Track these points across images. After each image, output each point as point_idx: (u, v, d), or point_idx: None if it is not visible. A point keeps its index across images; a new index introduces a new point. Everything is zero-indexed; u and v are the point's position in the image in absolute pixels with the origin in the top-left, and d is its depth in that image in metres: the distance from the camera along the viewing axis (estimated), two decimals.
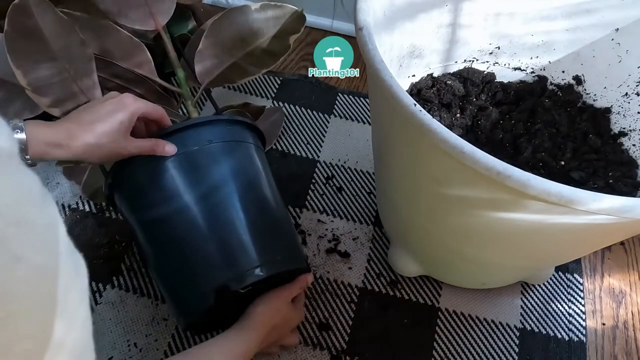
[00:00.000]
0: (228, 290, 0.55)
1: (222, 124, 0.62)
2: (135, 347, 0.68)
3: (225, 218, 0.58)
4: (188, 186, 0.58)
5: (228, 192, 0.59)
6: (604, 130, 0.72)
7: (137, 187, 0.60)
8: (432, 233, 0.63)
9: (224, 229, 0.57)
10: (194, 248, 0.57)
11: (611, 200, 0.38)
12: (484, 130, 0.72)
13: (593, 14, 0.69)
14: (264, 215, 0.61)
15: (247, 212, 0.59)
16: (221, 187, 0.59)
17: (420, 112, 0.43)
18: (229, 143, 0.62)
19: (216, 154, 0.60)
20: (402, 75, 0.72)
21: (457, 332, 0.73)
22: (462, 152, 0.41)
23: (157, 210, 0.58)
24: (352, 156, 0.90)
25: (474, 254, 0.61)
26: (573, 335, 0.74)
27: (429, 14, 0.69)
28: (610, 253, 0.83)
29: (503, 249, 0.58)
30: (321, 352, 0.70)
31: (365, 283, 0.76)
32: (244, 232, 0.58)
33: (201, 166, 0.59)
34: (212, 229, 0.57)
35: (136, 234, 0.61)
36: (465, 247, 0.60)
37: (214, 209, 0.58)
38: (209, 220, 0.57)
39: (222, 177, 0.59)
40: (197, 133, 0.60)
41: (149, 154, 0.56)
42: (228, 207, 0.58)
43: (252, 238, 0.58)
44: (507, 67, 0.79)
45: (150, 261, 0.61)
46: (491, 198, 0.46)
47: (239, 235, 0.58)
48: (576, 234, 0.48)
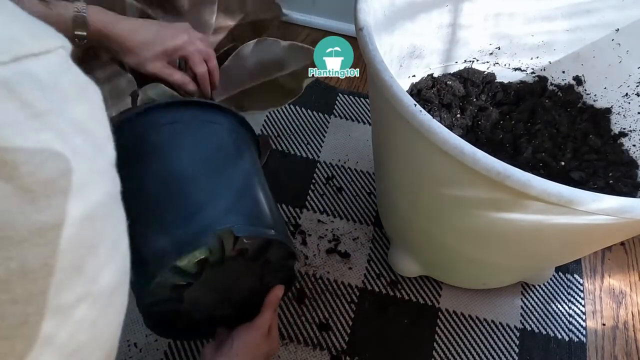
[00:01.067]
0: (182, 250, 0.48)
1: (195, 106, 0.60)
2: (135, 347, 0.68)
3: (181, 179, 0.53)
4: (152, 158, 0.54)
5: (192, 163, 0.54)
6: (604, 130, 0.72)
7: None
8: (432, 233, 0.63)
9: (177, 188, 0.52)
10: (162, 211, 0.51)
11: (611, 201, 0.38)
12: (484, 130, 0.72)
13: (593, 14, 0.69)
14: (227, 174, 0.56)
15: (205, 173, 0.54)
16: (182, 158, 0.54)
17: (421, 113, 0.43)
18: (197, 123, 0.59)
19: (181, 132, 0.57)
20: (403, 75, 0.72)
21: (457, 332, 0.73)
22: (462, 152, 0.41)
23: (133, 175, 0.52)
24: (352, 156, 0.90)
25: (474, 254, 0.61)
26: (573, 336, 0.74)
27: (429, 14, 0.69)
28: (611, 253, 0.83)
29: (503, 249, 0.58)
30: (321, 352, 0.70)
31: (365, 283, 0.76)
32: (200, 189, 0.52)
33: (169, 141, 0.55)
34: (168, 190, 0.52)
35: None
36: (465, 247, 0.60)
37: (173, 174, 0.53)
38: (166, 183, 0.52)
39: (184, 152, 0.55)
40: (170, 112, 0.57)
41: (173, 81, 0.60)
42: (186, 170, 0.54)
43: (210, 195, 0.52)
44: (508, 68, 0.79)
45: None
46: (491, 198, 0.46)
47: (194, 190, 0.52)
48: (576, 234, 0.48)
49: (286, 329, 0.71)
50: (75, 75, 0.19)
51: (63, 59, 0.18)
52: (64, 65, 0.18)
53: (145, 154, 0.55)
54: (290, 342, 0.70)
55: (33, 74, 0.16)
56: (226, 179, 0.56)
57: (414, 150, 0.51)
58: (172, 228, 0.50)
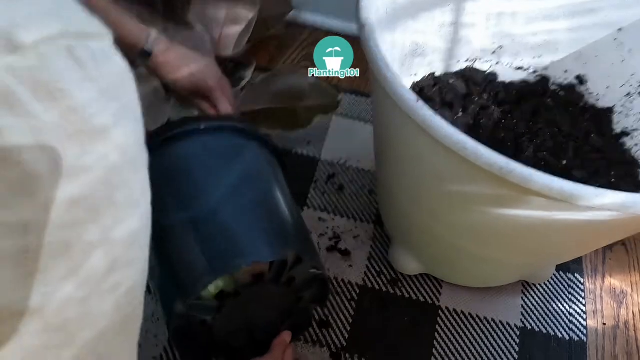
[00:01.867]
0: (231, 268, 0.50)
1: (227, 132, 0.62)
2: None
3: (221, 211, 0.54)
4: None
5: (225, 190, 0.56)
6: (606, 130, 0.72)
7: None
8: (434, 230, 0.63)
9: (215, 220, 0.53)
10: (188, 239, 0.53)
11: (613, 196, 0.38)
12: (486, 129, 0.72)
13: (596, 13, 0.69)
14: (260, 203, 0.58)
15: (242, 203, 0.55)
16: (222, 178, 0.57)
17: (423, 109, 0.43)
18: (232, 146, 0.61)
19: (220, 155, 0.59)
20: (404, 74, 0.72)
21: (458, 330, 0.73)
22: (465, 147, 0.41)
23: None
24: (354, 155, 0.90)
25: (475, 251, 0.61)
26: (574, 335, 0.73)
27: (432, 12, 0.69)
28: (612, 253, 0.83)
29: (505, 246, 0.58)
30: (321, 349, 0.70)
31: (365, 281, 0.76)
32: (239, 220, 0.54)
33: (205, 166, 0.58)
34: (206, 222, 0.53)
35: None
36: (467, 244, 0.60)
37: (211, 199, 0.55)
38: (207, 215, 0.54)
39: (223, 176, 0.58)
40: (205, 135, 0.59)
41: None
42: (226, 202, 0.55)
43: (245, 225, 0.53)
44: (510, 67, 0.79)
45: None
46: (493, 194, 0.46)
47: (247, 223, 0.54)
48: (578, 231, 0.48)
49: None
50: (120, 60, 0.22)
51: (112, 45, 0.22)
52: (113, 49, 0.22)
53: (175, 179, 0.57)
54: None
55: (90, 48, 0.20)
56: (256, 205, 0.57)
57: (416, 146, 0.51)
58: (201, 257, 0.51)
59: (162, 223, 0.54)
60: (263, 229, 0.55)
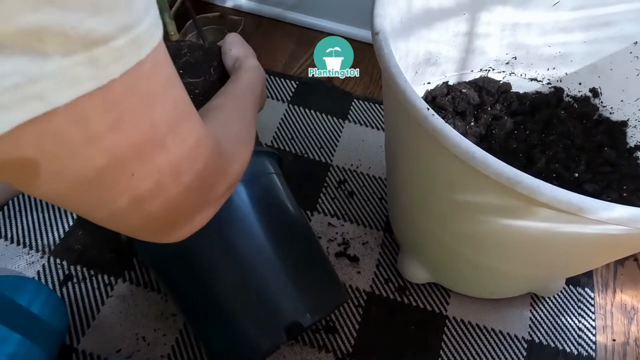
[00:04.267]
0: (277, 343, 0.54)
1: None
2: (144, 340, 0.69)
3: (263, 268, 0.56)
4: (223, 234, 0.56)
5: (261, 237, 0.57)
6: (620, 143, 0.71)
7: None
8: (442, 239, 0.63)
9: (262, 280, 0.56)
10: (236, 308, 0.56)
11: (622, 210, 0.37)
12: (498, 139, 0.72)
13: (611, 26, 0.68)
14: (301, 253, 0.60)
15: (283, 256, 0.57)
16: (254, 233, 0.57)
17: (433, 117, 0.43)
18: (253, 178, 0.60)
19: (242, 194, 0.58)
20: (418, 82, 0.73)
21: (464, 341, 0.72)
22: (474, 157, 0.41)
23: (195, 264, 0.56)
24: (365, 161, 0.90)
25: (484, 261, 0.61)
26: (582, 350, 0.73)
27: (446, 22, 0.70)
28: (623, 268, 0.82)
29: (512, 257, 0.58)
30: (327, 354, 0.70)
31: (373, 288, 0.76)
32: (285, 279, 0.56)
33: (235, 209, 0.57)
34: (249, 283, 0.55)
35: (170, 286, 0.60)
36: (475, 254, 0.60)
37: (249, 260, 0.56)
38: (245, 273, 0.55)
39: (252, 221, 0.57)
40: None
41: None
42: (265, 254, 0.56)
43: (293, 284, 0.56)
44: (523, 78, 0.79)
45: (190, 318, 0.60)
46: (501, 204, 0.46)
47: (280, 284, 0.56)
48: (587, 245, 0.48)
49: None
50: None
51: None
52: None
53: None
54: (296, 343, 0.71)
55: None
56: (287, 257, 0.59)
57: (426, 154, 0.52)
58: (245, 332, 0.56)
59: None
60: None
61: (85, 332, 0.69)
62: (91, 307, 0.71)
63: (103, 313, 0.71)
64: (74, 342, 0.68)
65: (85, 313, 0.71)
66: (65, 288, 0.73)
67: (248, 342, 0.55)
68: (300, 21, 1.10)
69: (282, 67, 1.04)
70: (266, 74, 0.74)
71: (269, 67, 1.02)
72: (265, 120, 0.94)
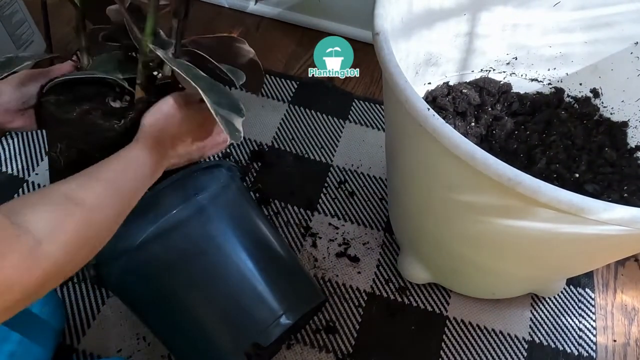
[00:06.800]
0: (258, 347, 0.54)
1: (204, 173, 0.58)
2: (144, 340, 0.69)
3: (235, 275, 0.56)
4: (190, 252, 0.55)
5: (230, 246, 0.56)
6: (620, 143, 0.71)
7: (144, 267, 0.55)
8: (442, 239, 0.63)
9: (236, 286, 0.55)
10: (211, 316, 0.55)
11: (622, 211, 0.37)
12: (499, 140, 0.72)
13: (612, 27, 0.68)
14: (271, 258, 0.60)
15: (255, 262, 0.57)
16: (222, 243, 0.56)
17: (434, 117, 0.43)
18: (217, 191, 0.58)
19: (206, 208, 0.56)
20: (418, 82, 0.73)
21: (465, 341, 0.72)
22: (474, 157, 0.41)
23: (165, 286, 0.55)
24: (366, 162, 0.90)
25: (484, 261, 0.61)
26: (583, 351, 0.73)
27: (447, 22, 0.70)
28: (624, 269, 0.81)
29: (512, 257, 0.58)
30: (327, 355, 0.70)
31: (373, 288, 0.76)
32: (259, 284, 0.56)
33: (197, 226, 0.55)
34: (224, 291, 0.55)
35: (140, 309, 0.59)
36: (475, 255, 0.60)
37: (219, 269, 0.55)
38: (219, 282, 0.55)
39: (220, 233, 0.57)
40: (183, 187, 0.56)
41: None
42: (235, 262, 0.56)
43: (267, 287, 0.56)
44: (524, 78, 0.79)
45: (164, 337, 0.60)
46: (502, 205, 0.46)
47: (253, 288, 0.56)
48: (587, 245, 0.48)
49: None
50: None
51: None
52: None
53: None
54: (296, 343, 0.70)
55: None
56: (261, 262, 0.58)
57: (426, 154, 0.52)
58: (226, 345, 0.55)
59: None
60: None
61: (85, 332, 0.69)
62: (91, 307, 0.71)
63: (103, 313, 0.71)
64: (74, 342, 0.68)
65: (86, 313, 0.71)
66: (66, 288, 0.73)
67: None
68: (300, 21, 1.10)
69: (282, 68, 1.04)
70: (265, 79, 0.66)
71: (270, 68, 1.02)
72: (266, 120, 0.94)
